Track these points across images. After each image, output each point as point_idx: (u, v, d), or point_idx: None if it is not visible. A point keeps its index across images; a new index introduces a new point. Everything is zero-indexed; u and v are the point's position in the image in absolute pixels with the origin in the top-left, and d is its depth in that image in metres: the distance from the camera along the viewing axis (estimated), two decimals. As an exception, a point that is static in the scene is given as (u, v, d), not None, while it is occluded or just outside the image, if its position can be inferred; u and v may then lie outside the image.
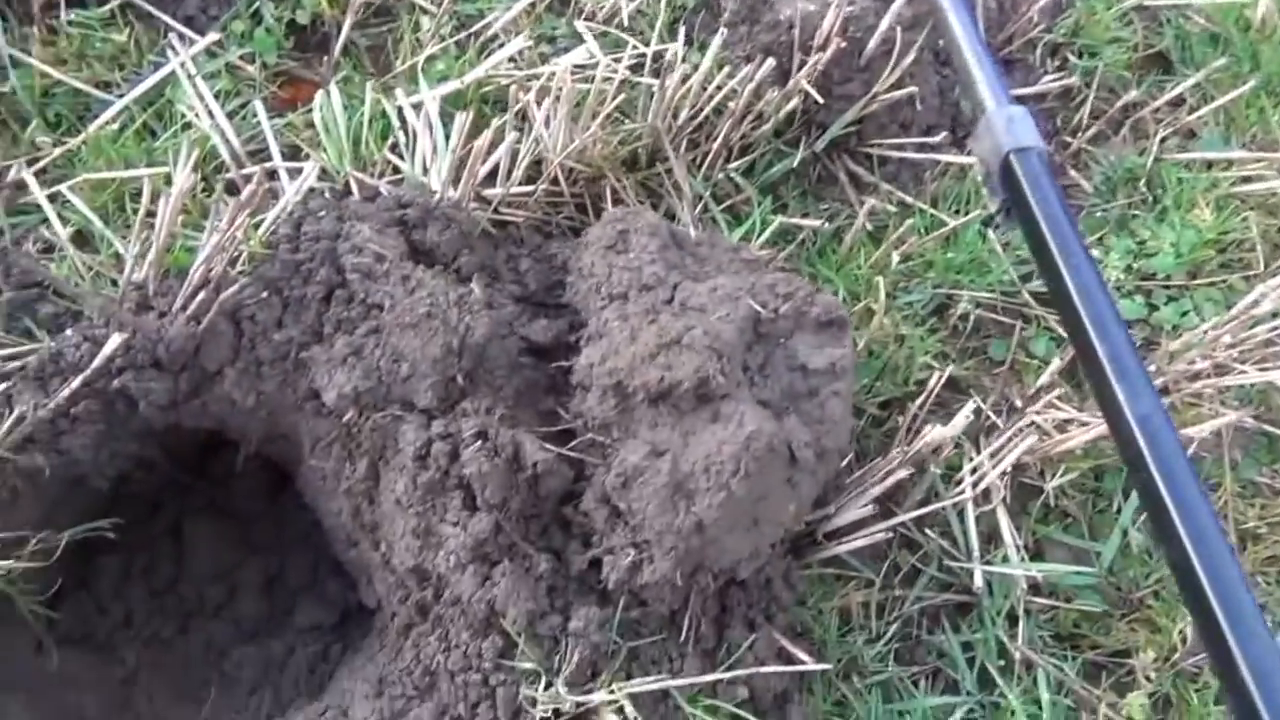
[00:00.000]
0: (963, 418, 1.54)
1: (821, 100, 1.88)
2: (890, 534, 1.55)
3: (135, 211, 1.72)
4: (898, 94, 1.93)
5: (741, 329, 1.50)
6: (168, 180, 1.70)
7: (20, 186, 1.75)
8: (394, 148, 1.80)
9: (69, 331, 1.59)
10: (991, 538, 1.68)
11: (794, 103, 1.87)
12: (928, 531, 1.64)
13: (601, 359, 1.48)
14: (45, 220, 1.71)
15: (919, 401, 1.64)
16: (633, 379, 1.43)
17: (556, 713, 1.41)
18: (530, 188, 1.80)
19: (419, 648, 1.49)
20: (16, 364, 1.58)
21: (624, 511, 1.45)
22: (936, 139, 1.97)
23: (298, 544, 2.03)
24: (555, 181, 1.82)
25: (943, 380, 1.62)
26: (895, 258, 1.80)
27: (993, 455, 1.63)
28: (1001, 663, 1.60)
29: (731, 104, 1.87)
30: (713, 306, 1.52)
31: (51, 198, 1.70)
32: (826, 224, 1.87)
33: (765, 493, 1.41)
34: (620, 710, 1.39)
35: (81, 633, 1.83)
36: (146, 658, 1.84)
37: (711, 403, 1.43)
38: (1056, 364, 1.67)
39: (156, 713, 1.76)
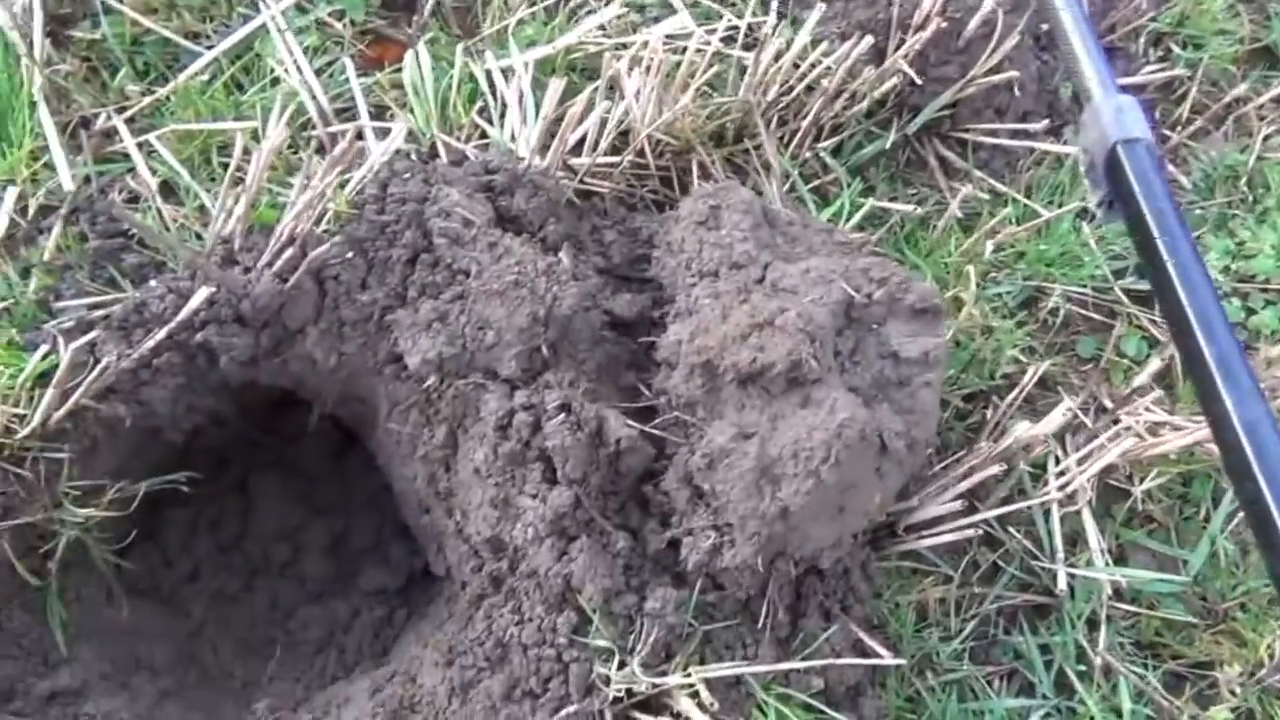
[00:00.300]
0: (1059, 415, 1.50)
1: (919, 81, 1.83)
2: (972, 530, 1.51)
3: (221, 165, 1.71)
4: (996, 78, 1.87)
5: (834, 313, 1.47)
6: (255, 135, 1.69)
7: (108, 135, 1.75)
8: (482, 112, 1.77)
9: (153, 282, 1.58)
10: (1075, 540, 1.63)
11: (891, 83, 1.82)
12: (1011, 530, 1.60)
13: (690, 336, 1.45)
14: (131, 170, 1.70)
15: (1010, 397, 1.59)
16: (723, 359, 1.40)
17: (629, 693, 1.39)
18: (616, 158, 1.77)
19: (491, 619, 1.47)
20: (100, 313, 1.58)
21: (706, 493, 1.42)
22: (1033, 126, 1.91)
23: (363, 507, 2.03)
24: (641, 153, 1.79)
25: (1035, 378, 1.58)
26: (989, 247, 1.75)
27: (1082, 456, 1.59)
28: (1081, 668, 1.57)
29: (825, 82, 1.83)
30: (805, 289, 1.48)
31: (138, 148, 1.69)
32: (917, 209, 1.82)
33: (853, 482, 1.38)
34: (695, 694, 1.37)
35: (149, 584, 1.84)
36: (212, 612, 1.85)
37: (802, 387, 1.39)
38: (1156, 365, 1.61)
39: (222, 666, 1.77)
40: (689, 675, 1.37)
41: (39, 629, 1.55)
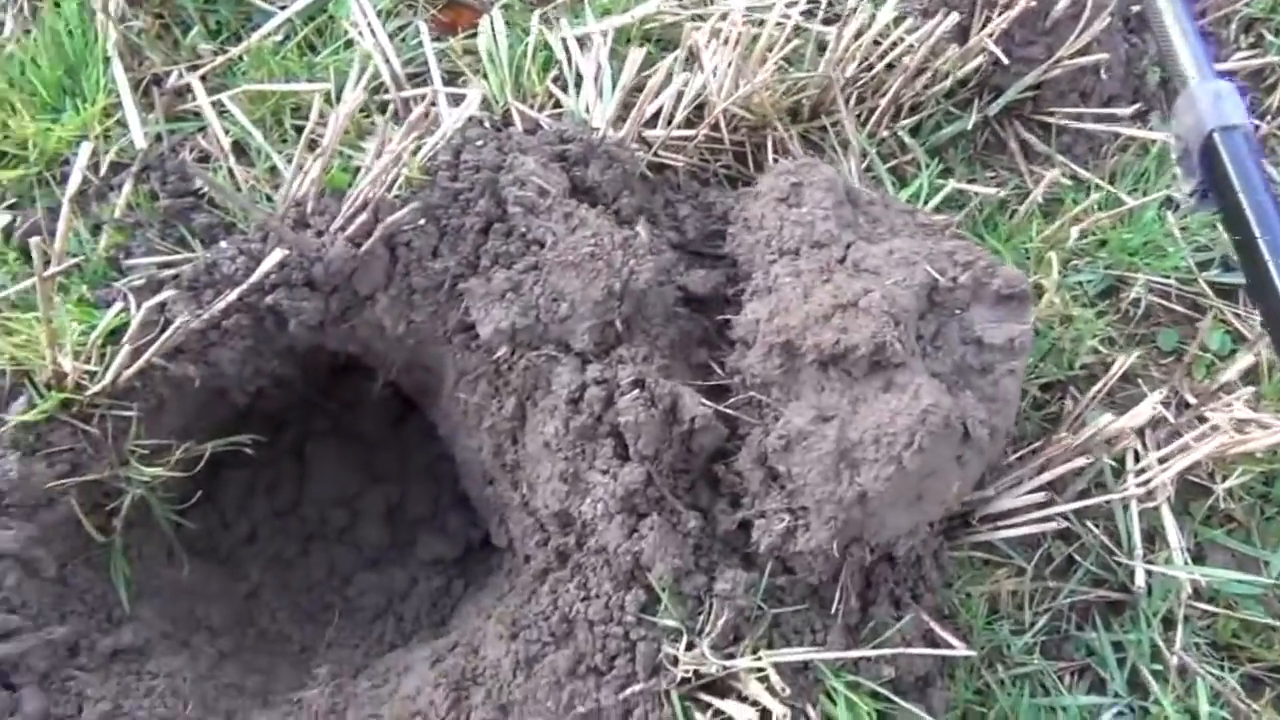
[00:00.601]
0: (1147, 408, 1.45)
1: (1007, 61, 1.78)
2: (1052, 524, 1.47)
3: (294, 127, 1.70)
4: (1083, 60, 1.82)
5: (918, 296, 1.43)
6: (329, 98, 1.67)
7: (179, 93, 1.73)
8: (556, 80, 1.74)
9: (224, 243, 1.57)
10: (1152, 536, 1.59)
11: (975, 63, 1.77)
12: (1088, 524, 1.56)
13: (769, 315, 1.42)
14: (202, 129, 1.69)
15: (1094, 390, 1.55)
16: (804, 339, 1.37)
17: (696, 674, 1.37)
18: (690, 132, 1.73)
19: (556, 594, 1.45)
20: (170, 272, 1.57)
21: (782, 475, 1.39)
22: (1119, 111, 1.85)
23: (420, 475, 2.02)
24: (715, 127, 1.75)
25: (1121, 370, 1.53)
26: (1074, 234, 1.70)
27: (1166, 454, 1.54)
28: (1155, 667, 1.53)
29: (906, 59, 1.78)
30: (888, 270, 1.45)
31: (210, 107, 1.67)
32: (999, 192, 1.77)
33: (934, 469, 1.35)
34: (764, 679, 1.34)
35: (207, 545, 1.84)
36: (269, 576, 1.85)
37: (885, 371, 1.36)
38: (1247, 361, 1.56)
39: (279, 630, 1.76)
40: (759, 659, 1.34)
41: (102, 586, 1.55)
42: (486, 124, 1.68)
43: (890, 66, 1.80)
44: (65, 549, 1.50)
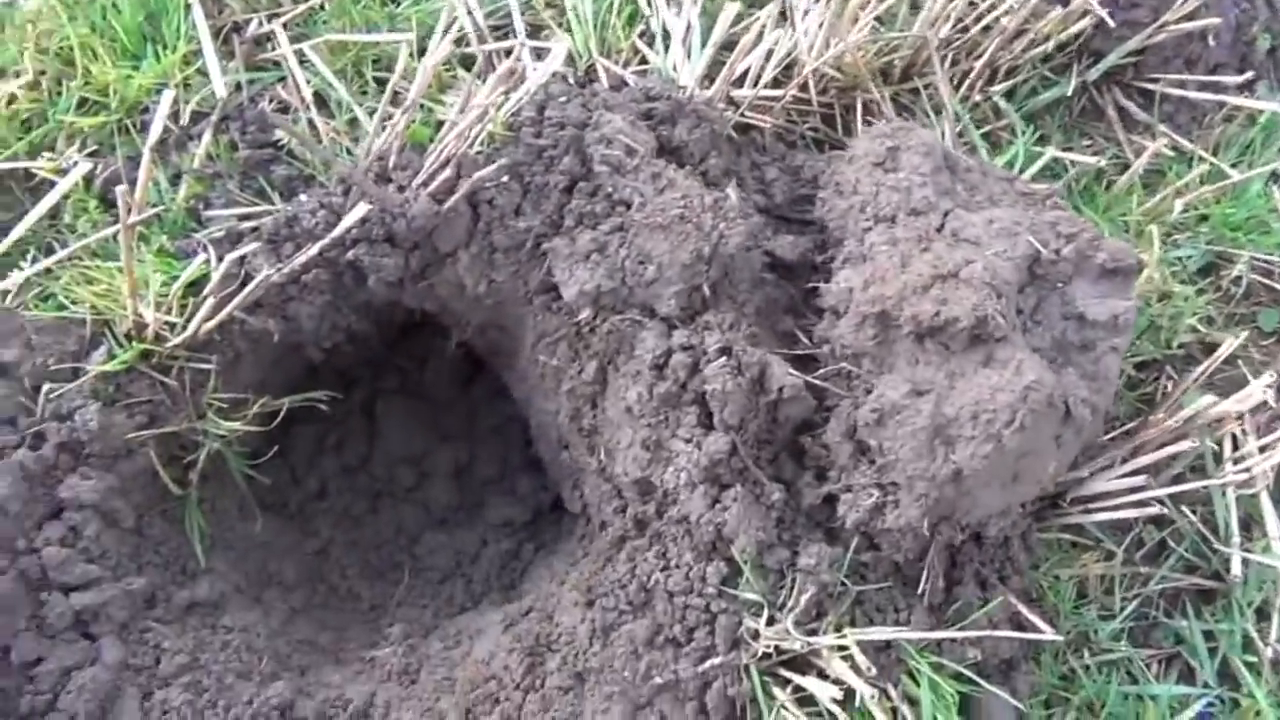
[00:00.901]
0: (1257, 391, 1.39)
1: (1114, 25, 1.70)
2: (1153, 509, 1.42)
3: (375, 79, 1.66)
4: (1189, 26, 1.74)
5: (1019, 268, 1.38)
6: (411, 50, 1.63)
7: (259, 42, 1.70)
8: (642, 35, 1.69)
9: (303, 196, 1.54)
10: (1249, 524, 1.54)
11: (1081, 25, 1.70)
12: (1184, 509, 1.50)
13: (864, 285, 1.37)
14: (282, 79, 1.66)
15: (1197, 371, 1.49)
16: (901, 310, 1.32)
17: (777, 650, 1.34)
18: (778, 92, 1.68)
19: (634, 562, 1.43)
20: (250, 224, 1.55)
21: (872, 449, 1.35)
22: (1226, 79, 1.77)
23: (488, 436, 2.00)
24: (803, 88, 1.70)
25: (1226, 353, 1.47)
26: (1178, 207, 1.63)
27: (1267, 440, 1.48)
28: (1249, 658, 1.48)
29: (1005, 20, 1.71)
30: (988, 240, 1.39)
31: (291, 56, 1.65)
32: (1098, 161, 1.70)
33: (1033, 449, 1.30)
34: (848, 657, 1.31)
35: (277, 500, 1.84)
36: (339, 532, 1.84)
37: (985, 345, 1.31)
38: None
39: (349, 588, 1.76)
40: (844, 636, 1.31)
41: (177, 538, 1.54)
42: (570, 80, 1.63)
43: (987, 28, 1.73)
44: (142, 500, 1.50)
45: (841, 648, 1.32)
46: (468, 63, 1.69)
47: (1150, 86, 1.80)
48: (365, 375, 2.01)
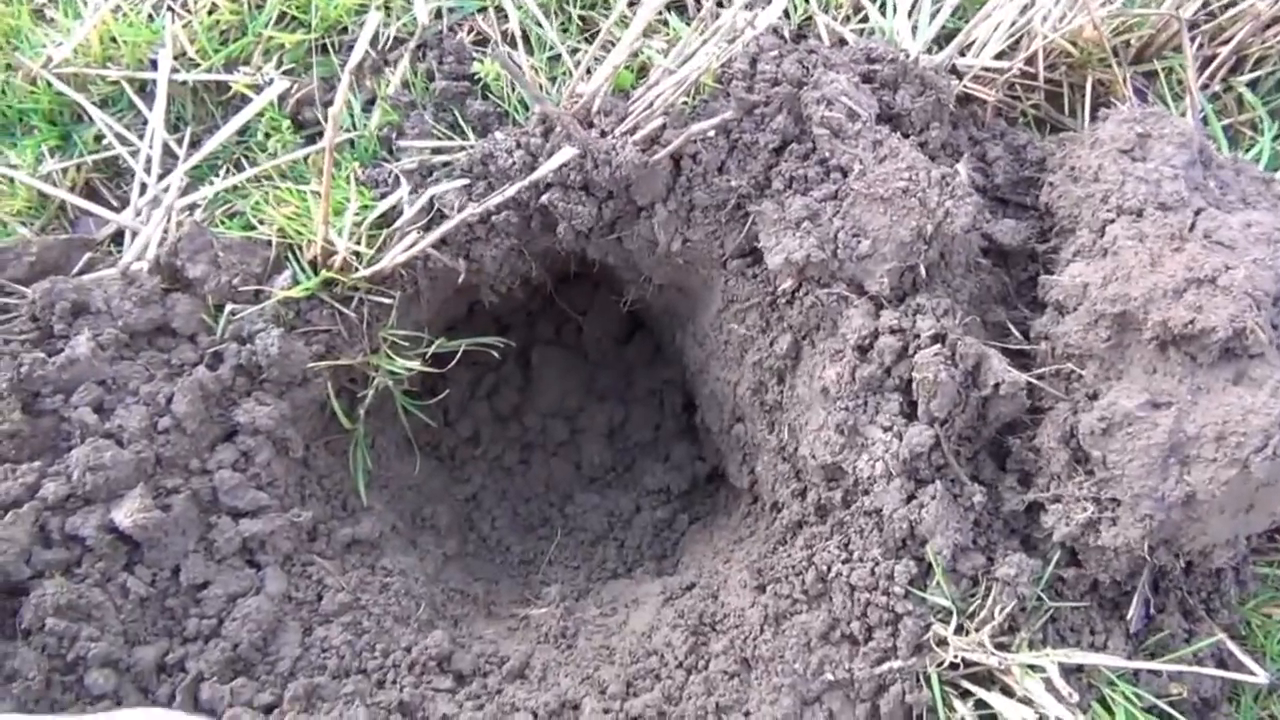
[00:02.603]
0: None
1: (1392, 16, 1.55)
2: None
3: (580, 17, 1.59)
4: None
5: (1278, 279, 1.25)
6: (618, -11, 1.55)
7: (461, -31, 1.64)
8: (863, -8, 1.59)
9: (499, 134, 1.48)
10: None
11: (1351, 15, 1.54)
12: None
13: (1103, 281, 1.26)
14: (483, 9, 1.60)
15: None
16: (1147, 313, 1.21)
17: (964, 661, 1.26)
18: (1004, 64, 1.56)
19: (812, 550, 1.35)
20: (442, 159, 1.49)
21: (1092, 460, 1.25)
22: None
23: (643, 399, 1.94)
24: (1030, 61, 1.57)
25: None
26: None
27: None
28: None
29: (1260, 4, 1.56)
30: (1245, 245, 1.27)
31: (493, -13, 1.58)
32: (1354, 168, 1.55)
33: (1277, 479, 1.18)
34: (1046, 678, 1.22)
35: (430, 442, 1.81)
36: (490, 481, 1.81)
37: (1238, 360, 1.19)
38: None
39: (499, 538, 1.72)
40: (1045, 655, 1.22)
41: (340, 473, 1.52)
42: (785, 34, 1.53)
43: (1238, 14, 1.58)
44: (310, 431, 1.47)
45: (1037, 667, 1.23)
46: (675, 5, 1.61)
47: None
48: (520, 322, 1.96)
